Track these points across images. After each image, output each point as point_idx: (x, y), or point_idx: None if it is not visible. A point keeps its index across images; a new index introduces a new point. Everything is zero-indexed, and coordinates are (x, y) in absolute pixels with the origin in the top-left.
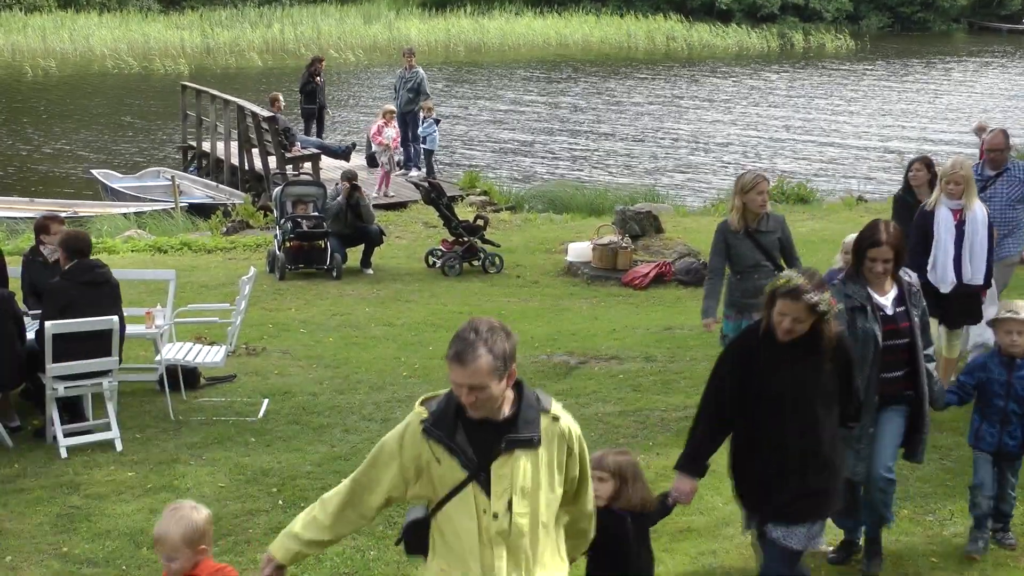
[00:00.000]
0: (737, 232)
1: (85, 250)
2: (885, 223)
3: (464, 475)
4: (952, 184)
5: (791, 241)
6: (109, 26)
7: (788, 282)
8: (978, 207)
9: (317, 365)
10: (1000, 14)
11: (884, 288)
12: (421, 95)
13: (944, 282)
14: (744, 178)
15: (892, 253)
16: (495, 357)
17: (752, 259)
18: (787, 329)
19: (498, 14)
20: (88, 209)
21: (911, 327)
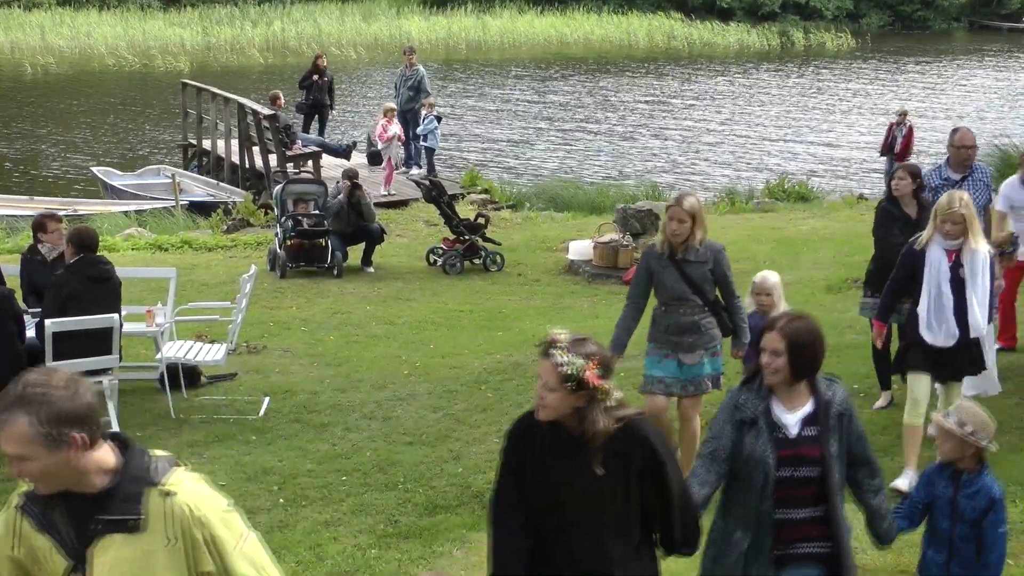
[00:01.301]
0: (662, 257)
1: (92, 245)
2: (791, 316)
3: (65, 564)
4: (949, 224)
5: (727, 276)
6: (109, 23)
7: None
8: (979, 246)
9: (318, 363)
10: (1000, 13)
11: (792, 399)
12: (422, 93)
13: (949, 335)
14: (671, 199)
15: (783, 344)
16: (41, 422)
17: (677, 291)
18: (541, 401)
19: (499, 12)
20: (88, 207)
21: (823, 457)
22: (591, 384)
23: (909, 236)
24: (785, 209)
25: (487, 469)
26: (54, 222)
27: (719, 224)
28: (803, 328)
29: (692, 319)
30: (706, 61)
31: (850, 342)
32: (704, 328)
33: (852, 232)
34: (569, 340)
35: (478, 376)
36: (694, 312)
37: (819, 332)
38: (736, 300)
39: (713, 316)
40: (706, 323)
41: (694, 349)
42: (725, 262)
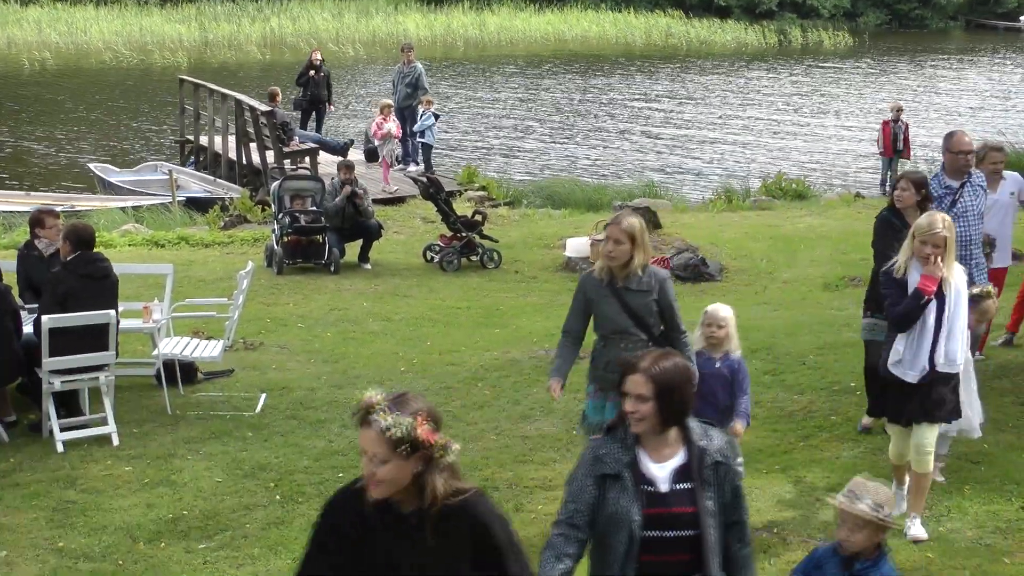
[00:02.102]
0: (600, 284)
1: (89, 242)
2: (657, 355)
3: None
4: (930, 247)
5: (673, 307)
6: (106, 19)
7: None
8: (958, 274)
9: (315, 360)
10: (997, 11)
11: (661, 449)
12: (419, 90)
13: (914, 369)
14: (609, 218)
15: (650, 388)
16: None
17: (618, 323)
18: (372, 478)
19: (497, 9)
20: (85, 203)
21: (698, 515)
22: (427, 442)
23: None
24: (782, 207)
25: (484, 466)
26: (51, 218)
27: (716, 222)
28: (671, 369)
29: (634, 355)
30: (703, 59)
31: (846, 340)
32: None
33: (849, 230)
34: (388, 400)
35: (475, 373)
36: (636, 347)
37: (688, 372)
38: (683, 336)
39: None
40: None
41: None
42: (671, 292)
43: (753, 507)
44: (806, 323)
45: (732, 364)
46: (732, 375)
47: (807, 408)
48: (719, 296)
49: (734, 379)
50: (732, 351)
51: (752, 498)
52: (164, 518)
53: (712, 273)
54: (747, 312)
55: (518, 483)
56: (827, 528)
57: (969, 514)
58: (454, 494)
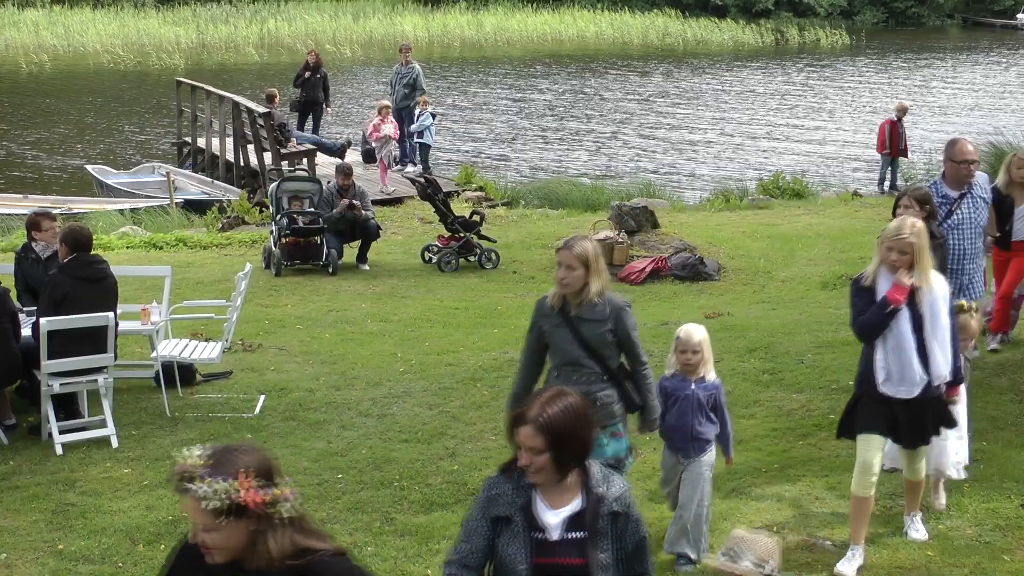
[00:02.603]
0: (553, 313)
1: (86, 244)
2: (545, 400)
3: None
4: (896, 253)
5: (632, 338)
6: (103, 21)
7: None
8: (936, 281)
9: (313, 361)
10: (993, 9)
11: (558, 494)
12: (417, 90)
13: (913, 384)
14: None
15: (542, 439)
16: None
17: (570, 354)
18: (204, 546)
19: (494, 9)
20: (83, 205)
21: (589, 567)
22: (252, 504)
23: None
24: (780, 206)
25: (483, 466)
26: (48, 220)
27: (714, 222)
28: (562, 415)
29: (587, 389)
30: (700, 58)
31: (844, 339)
32: (602, 401)
33: (847, 228)
34: (205, 463)
35: (473, 373)
36: (590, 381)
37: (582, 411)
38: (643, 368)
39: (614, 387)
40: (604, 395)
41: None
42: (630, 322)
43: (752, 506)
44: (804, 322)
45: (708, 388)
46: (708, 400)
47: (805, 407)
48: (717, 296)
49: (713, 405)
50: (708, 374)
51: (751, 497)
52: (164, 520)
53: (710, 272)
54: (745, 311)
55: None
56: (826, 526)
57: (968, 512)
58: (300, 553)
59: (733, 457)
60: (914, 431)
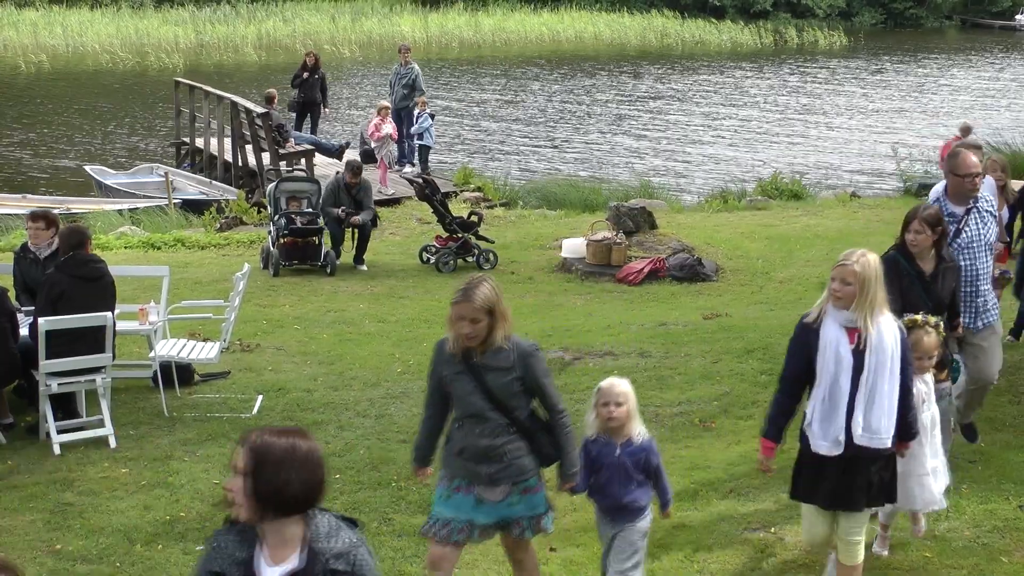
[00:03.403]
0: (454, 360)
1: (81, 243)
2: (276, 429)
3: None
4: (838, 283)
5: (544, 385)
6: (102, 21)
7: None
8: (885, 324)
9: (311, 361)
10: (991, 11)
11: (279, 547)
12: (416, 91)
13: (826, 439)
14: (457, 295)
15: (247, 460)
16: None
17: (473, 406)
18: None
19: (492, 10)
20: (81, 206)
21: None
22: None
23: (921, 296)
24: (778, 207)
25: None
26: (31, 221)
27: (712, 223)
28: (277, 446)
29: (492, 443)
30: (699, 59)
31: None
32: (510, 456)
33: (845, 230)
34: None
35: None
36: (496, 433)
37: (303, 455)
38: (560, 417)
39: (524, 439)
40: (513, 449)
41: (496, 483)
42: (539, 368)
43: (750, 507)
44: None
45: (637, 452)
46: (638, 465)
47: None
48: (715, 296)
49: (646, 468)
50: (636, 434)
51: (748, 498)
52: (161, 520)
53: (708, 273)
54: (743, 312)
55: None
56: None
57: (966, 513)
58: None
59: (671, 512)
60: (838, 492)
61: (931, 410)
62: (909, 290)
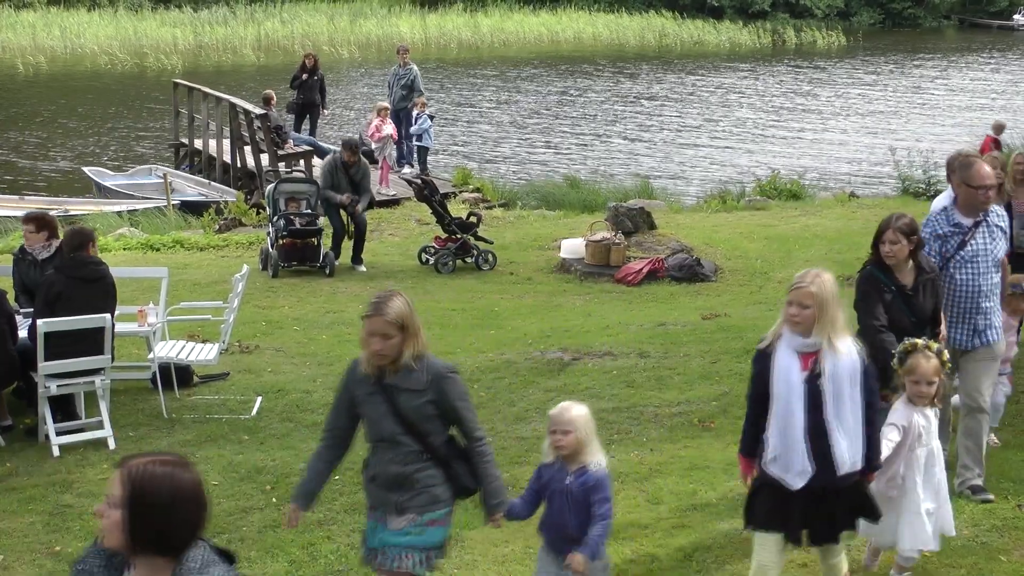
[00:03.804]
0: (366, 381)
1: (82, 245)
2: (157, 458)
3: None
4: (796, 307)
5: (459, 410)
6: (101, 23)
7: None
8: (843, 348)
9: (310, 362)
10: (989, 10)
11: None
12: (415, 92)
13: (789, 471)
14: (369, 308)
15: (122, 489)
16: None
17: (384, 430)
18: None
19: (491, 10)
20: (80, 207)
21: None
22: None
23: (904, 311)
24: (776, 207)
25: None
26: (24, 223)
27: (711, 223)
28: (158, 478)
29: (403, 470)
30: (697, 59)
31: None
32: (421, 484)
33: (844, 229)
34: None
35: (470, 375)
36: (407, 460)
37: (185, 490)
38: (478, 444)
39: (439, 467)
40: (425, 477)
41: (403, 512)
42: (454, 391)
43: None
44: None
45: (587, 480)
46: (585, 495)
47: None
48: (714, 297)
49: (589, 499)
50: (591, 462)
51: None
52: None
53: (707, 273)
54: (742, 312)
55: (514, 485)
56: None
57: (965, 512)
58: None
59: (579, 565)
60: (811, 526)
61: (930, 446)
62: (891, 305)
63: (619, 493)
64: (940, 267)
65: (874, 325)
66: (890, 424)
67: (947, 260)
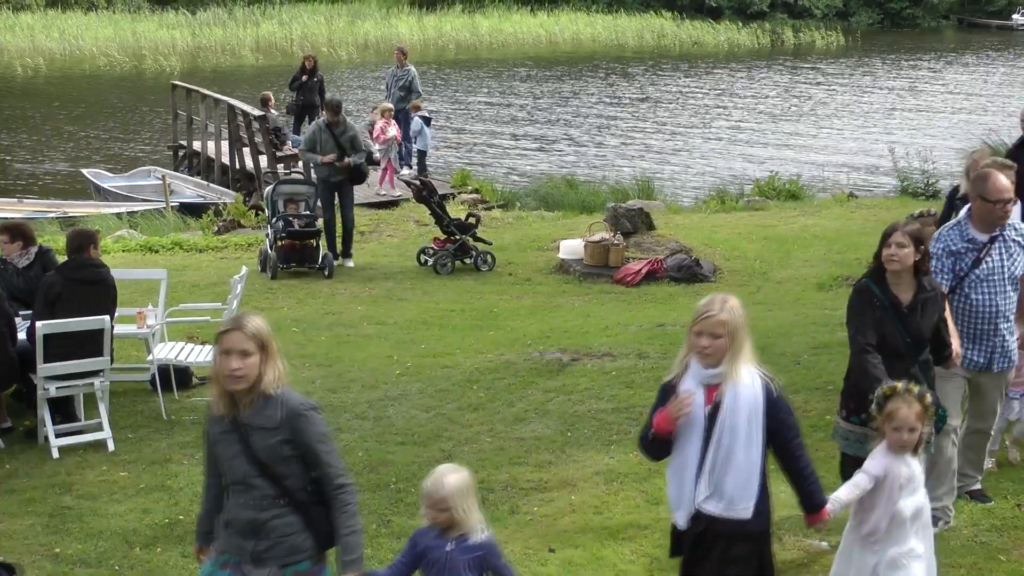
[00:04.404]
0: (220, 420)
1: (82, 247)
2: None
3: None
4: (707, 338)
5: (316, 450)
6: (99, 25)
7: None
8: (746, 380)
9: (309, 364)
10: (988, 10)
11: None
12: (413, 93)
13: (679, 508)
14: (223, 324)
15: None
16: None
17: (235, 471)
18: None
19: (489, 11)
20: (78, 209)
21: None
22: None
23: (898, 329)
24: (775, 207)
25: (479, 468)
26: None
27: (709, 223)
28: None
29: (258, 516)
30: (696, 60)
31: (840, 340)
32: (277, 532)
33: (842, 230)
34: None
35: (469, 375)
36: (262, 505)
37: None
38: (340, 492)
39: (298, 514)
40: (281, 525)
41: (262, 563)
42: (312, 431)
43: None
44: (800, 323)
45: (472, 550)
46: (472, 564)
47: (802, 408)
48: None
49: (481, 568)
50: (472, 532)
51: None
52: (160, 523)
53: (706, 274)
54: None
55: (513, 485)
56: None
57: (964, 512)
58: None
59: None
60: (695, 571)
61: (913, 498)
62: (882, 323)
63: (618, 494)
64: (954, 286)
65: (860, 344)
66: (862, 472)
67: (961, 278)
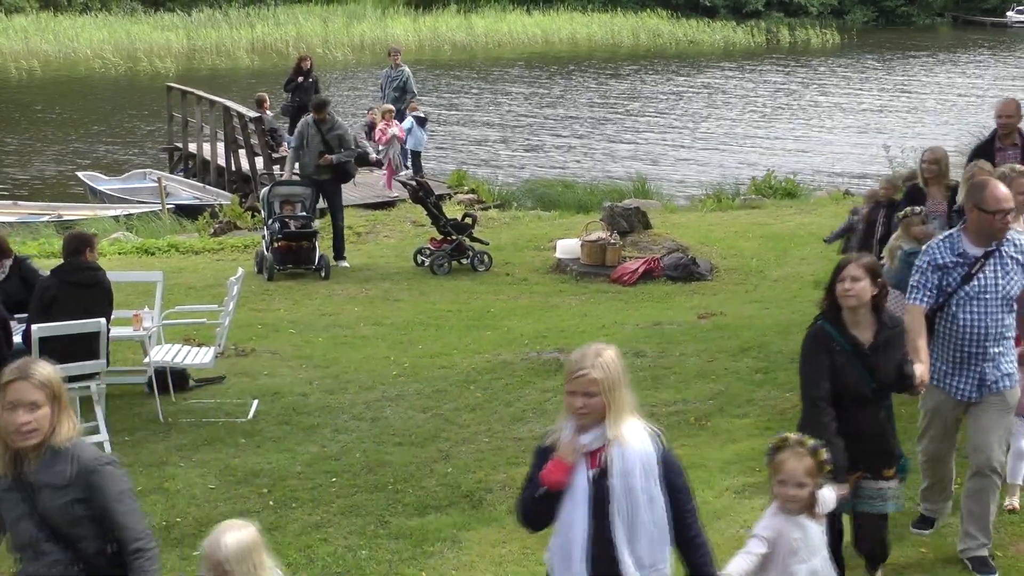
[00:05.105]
0: (2, 478)
1: (79, 250)
2: None
3: None
4: (581, 398)
5: (114, 510)
6: (94, 27)
7: None
8: (631, 437)
9: (307, 365)
10: (983, 7)
11: None
12: (407, 94)
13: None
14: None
15: None
16: None
17: (21, 534)
18: None
19: (485, 12)
20: (74, 212)
21: None
22: None
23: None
24: (772, 205)
25: (476, 469)
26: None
27: (706, 222)
28: None
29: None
30: (692, 58)
31: None
32: None
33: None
34: None
35: (467, 376)
36: (55, 570)
37: None
38: (137, 557)
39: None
40: None
41: None
42: (110, 489)
43: (747, 505)
44: (797, 321)
45: None
46: None
47: (798, 406)
48: (710, 296)
49: None
50: None
51: (744, 496)
52: (158, 526)
53: (703, 272)
54: (738, 311)
55: (511, 485)
56: None
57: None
58: None
59: None
60: None
61: (811, 563)
62: (844, 370)
63: None
64: (941, 304)
65: (812, 396)
66: (753, 536)
67: (949, 296)
